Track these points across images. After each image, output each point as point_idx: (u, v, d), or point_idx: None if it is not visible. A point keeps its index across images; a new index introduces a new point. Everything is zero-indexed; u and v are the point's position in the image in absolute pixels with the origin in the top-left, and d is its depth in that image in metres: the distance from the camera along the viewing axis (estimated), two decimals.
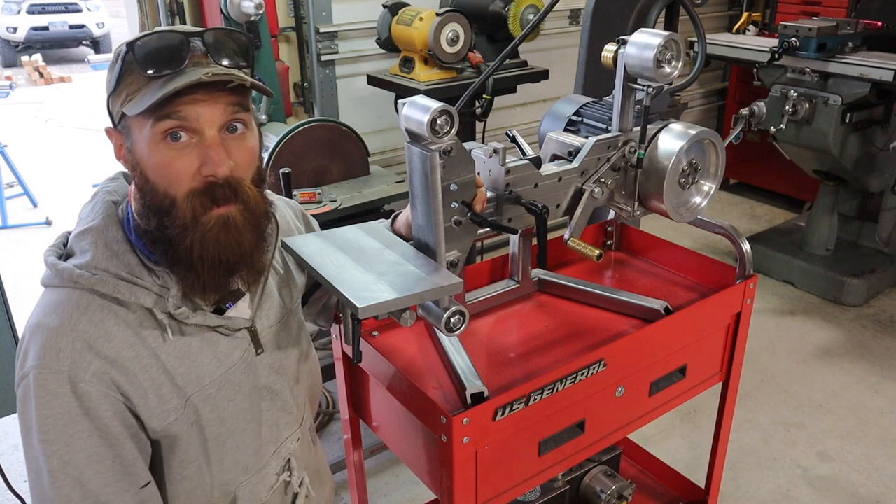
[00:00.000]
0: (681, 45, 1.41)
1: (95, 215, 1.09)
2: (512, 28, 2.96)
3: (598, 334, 1.57)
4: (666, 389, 1.60)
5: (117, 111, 1.03)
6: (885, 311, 3.56)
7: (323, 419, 2.74)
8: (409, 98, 1.21)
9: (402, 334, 1.54)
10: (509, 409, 1.27)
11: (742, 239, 1.65)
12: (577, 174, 1.47)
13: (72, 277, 1.04)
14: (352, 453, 1.70)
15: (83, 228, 1.08)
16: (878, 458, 2.60)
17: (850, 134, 3.33)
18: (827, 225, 3.78)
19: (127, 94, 1.00)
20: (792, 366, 3.14)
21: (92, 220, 1.09)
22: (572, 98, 1.68)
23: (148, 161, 1.02)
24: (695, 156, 1.50)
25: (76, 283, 1.04)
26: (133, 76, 1.00)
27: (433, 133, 1.16)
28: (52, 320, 1.03)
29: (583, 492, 2.02)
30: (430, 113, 1.15)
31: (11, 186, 5.87)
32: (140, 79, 1.00)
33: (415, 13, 2.83)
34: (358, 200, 2.62)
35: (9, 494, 1.54)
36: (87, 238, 1.07)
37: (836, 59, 3.17)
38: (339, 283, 1.14)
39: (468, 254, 1.35)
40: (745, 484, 2.48)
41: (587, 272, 1.85)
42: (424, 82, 2.86)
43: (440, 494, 1.34)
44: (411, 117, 1.19)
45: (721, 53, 3.64)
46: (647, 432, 2.63)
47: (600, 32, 2.51)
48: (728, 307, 1.66)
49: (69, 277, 1.04)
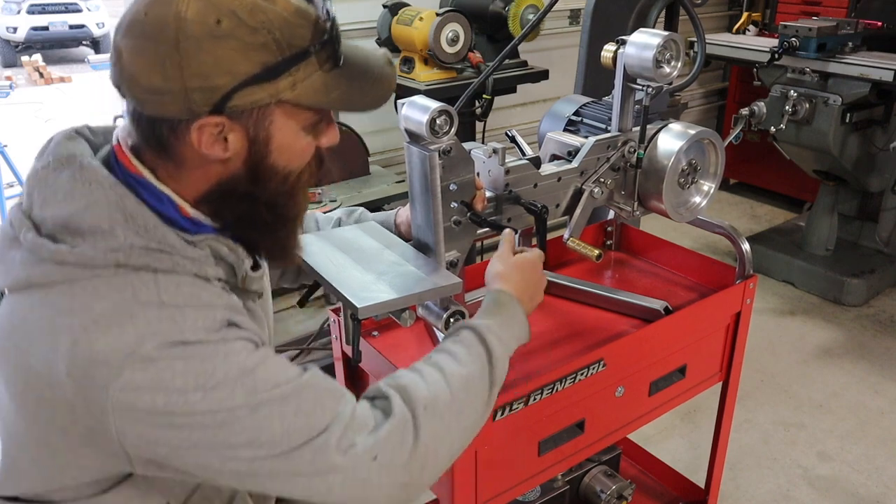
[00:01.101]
0: (680, 45, 1.41)
1: (94, 188, 0.94)
2: (512, 28, 2.96)
3: (598, 334, 1.57)
4: (666, 389, 1.60)
5: (258, 97, 0.92)
6: (885, 311, 3.56)
7: None
8: (408, 98, 1.21)
9: (402, 334, 1.54)
10: (509, 409, 1.27)
11: (742, 239, 1.65)
12: (576, 174, 1.47)
13: (125, 259, 0.91)
14: None
15: (82, 206, 0.93)
16: (878, 458, 2.60)
17: (850, 134, 3.32)
18: (827, 225, 3.78)
19: (294, 81, 0.93)
20: (792, 366, 3.14)
21: (89, 193, 0.93)
22: (572, 98, 1.68)
23: (289, 146, 0.99)
24: (694, 156, 1.51)
25: (125, 264, 0.91)
26: (309, 65, 0.94)
27: (432, 133, 1.17)
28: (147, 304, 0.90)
29: (583, 492, 2.02)
30: (430, 113, 1.15)
31: (11, 186, 5.86)
32: (317, 69, 0.95)
33: (415, 13, 2.83)
34: (358, 200, 2.62)
35: None
36: (97, 214, 0.92)
37: (836, 59, 3.17)
38: (338, 283, 1.14)
39: (468, 254, 1.35)
40: (745, 484, 2.48)
41: (587, 272, 1.85)
42: (424, 82, 2.86)
43: (440, 494, 1.34)
44: (411, 117, 1.19)
45: (721, 53, 3.63)
46: (647, 432, 2.63)
47: (600, 32, 2.51)
48: (728, 307, 1.66)
49: (113, 261, 0.91)
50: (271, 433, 0.92)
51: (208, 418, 0.90)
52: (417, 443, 0.99)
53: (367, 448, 0.96)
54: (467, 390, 1.07)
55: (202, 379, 0.90)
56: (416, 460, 0.99)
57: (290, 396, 0.94)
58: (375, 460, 0.96)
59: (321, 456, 0.94)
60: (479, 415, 1.09)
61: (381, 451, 0.96)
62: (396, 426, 0.98)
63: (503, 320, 1.16)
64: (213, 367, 0.91)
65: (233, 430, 0.91)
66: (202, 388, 0.89)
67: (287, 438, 0.92)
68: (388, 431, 0.98)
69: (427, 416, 1.01)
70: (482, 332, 1.12)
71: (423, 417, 1.00)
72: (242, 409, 0.91)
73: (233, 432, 0.91)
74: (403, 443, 0.98)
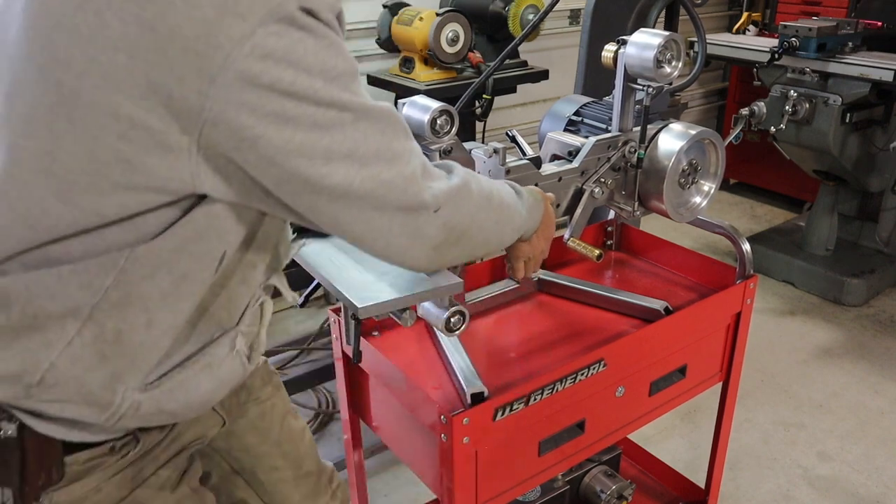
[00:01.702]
0: (681, 45, 1.41)
1: None
2: (512, 28, 2.96)
3: (598, 334, 1.57)
4: (666, 389, 1.60)
5: None
6: (885, 311, 3.56)
7: (323, 419, 2.74)
8: (408, 98, 1.21)
9: (402, 334, 1.54)
10: (509, 409, 1.27)
11: (742, 239, 1.65)
12: (577, 174, 1.47)
13: None
14: (352, 453, 1.70)
15: None
16: (878, 458, 2.60)
17: (850, 134, 3.32)
18: (827, 225, 3.78)
19: None
20: (792, 366, 3.14)
21: None
22: (572, 98, 1.68)
23: None
24: (695, 156, 1.51)
25: None
26: None
27: (433, 133, 1.17)
28: None
29: (583, 492, 2.02)
30: (431, 113, 1.15)
31: None
32: None
33: (415, 13, 2.83)
34: None
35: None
36: None
37: (836, 59, 3.16)
38: (339, 283, 1.14)
39: None
40: (745, 484, 2.48)
41: (587, 272, 1.85)
42: (424, 82, 2.85)
43: (440, 494, 1.34)
44: (411, 117, 1.19)
45: (721, 53, 3.63)
46: (647, 432, 2.63)
47: (600, 32, 2.51)
48: (728, 307, 1.66)
49: None
50: (367, 147, 0.86)
51: (320, 113, 0.81)
52: (468, 209, 1.01)
53: (439, 193, 0.95)
54: (502, 201, 1.10)
55: (329, 65, 0.81)
56: (459, 226, 1.00)
57: (381, 117, 0.88)
58: (437, 212, 0.95)
59: (413, 186, 0.91)
60: (509, 228, 1.14)
61: (444, 202, 0.96)
62: (461, 186, 0.99)
63: (533, 203, 1.22)
64: (336, 57, 0.82)
65: (336, 136, 0.83)
66: (326, 76, 0.80)
67: (379, 157, 0.88)
68: (457, 187, 0.98)
69: (478, 193, 1.03)
70: (516, 187, 1.18)
71: (477, 192, 1.03)
72: (349, 114, 0.84)
73: (335, 140, 0.83)
74: (461, 204, 0.99)
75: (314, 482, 1.41)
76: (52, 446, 0.93)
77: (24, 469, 0.92)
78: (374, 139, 0.87)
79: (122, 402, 0.93)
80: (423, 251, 0.98)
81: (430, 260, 1.01)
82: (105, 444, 0.98)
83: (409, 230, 0.94)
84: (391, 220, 0.92)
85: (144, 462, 1.05)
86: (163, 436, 1.08)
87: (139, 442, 1.02)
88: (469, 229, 1.02)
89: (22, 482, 0.92)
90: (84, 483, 0.97)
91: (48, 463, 0.93)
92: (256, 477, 1.32)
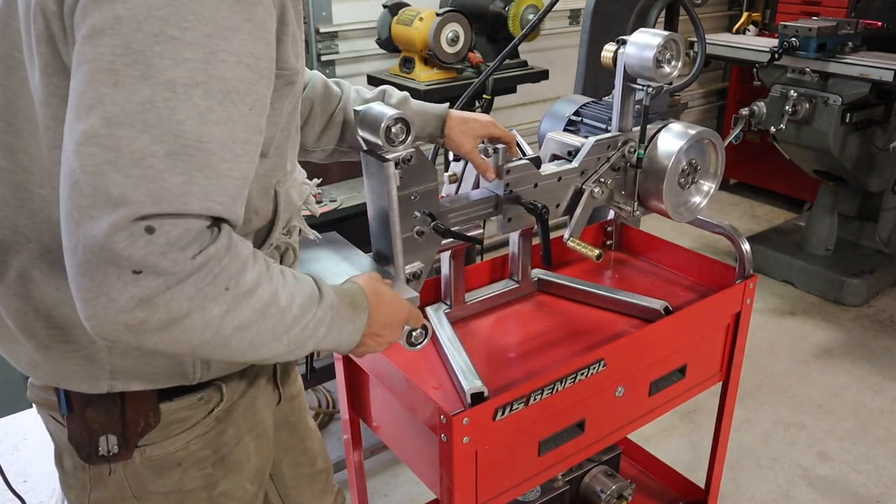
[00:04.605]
0: (681, 45, 1.41)
1: None
2: (512, 28, 2.96)
3: (598, 334, 1.57)
4: (666, 389, 1.60)
5: None
6: (885, 311, 3.56)
7: (323, 419, 2.74)
8: (364, 105, 1.16)
9: None
10: (509, 409, 1.27)
11: (742, 239, 1.65)
12: (576, 174, 1.48)
13: None
14: (352, 453, 1.70)
15: None
16: (878, 458, 2.60)
17: (850, 134, 3.32)
18: (827, 225, 3.78)
19: None
20: (792, 366, 3.14)
21: None
22: (572, 98, 1.68)
23: None
24: (694, 156, 1.51)
25: None
26: None
27: (388, 141, 1.13)
28: None
29: (583, 492, 2.02)
30: (385, 121, 1.10)
31: None
32: None
33: (415, 13, 2.83)
34: (358, 200, 2.62)
35: (8, 494, 1.54)
36: None
37: (836, 59, 3.17)
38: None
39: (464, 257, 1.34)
40: (745, 484, 2.48)
41: (587, 272, 1.85)
42: (424, 82, 2.86)
43: (440, 494, 1.34)
44: (365, 124, 1.14)
45: (721, 53, 3.63)
46: (647, 432, 2.63)
47: (600, 32, 2.51)
48: (728, 307, 1.66)
49: None
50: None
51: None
52: (207, 295, 0.80)
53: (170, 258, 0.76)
54: (281, 314, 0.88)
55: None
56: (175, 312, 0.78)
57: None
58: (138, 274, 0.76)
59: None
60: (289, 344, 0.91)
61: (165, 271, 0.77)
62: (209, 267, 0.79)
63: (350, 312, 1.00)
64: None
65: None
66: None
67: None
68: (200, 264, 0.78)
69: (243, 287, 0.83)
70: (321, 287, 0.96)
71: (244, 286, 0.83)
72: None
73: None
74: (191, 286, 0.78)
75: (324, 480, 1.44)
76: (147, 395, 1.01)
77: (124, 416, 1.01)
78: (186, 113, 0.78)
79: None
80: (111, 315, 0.76)
81: (125, 333, 0.78)
82: (194, 394, 1.05)
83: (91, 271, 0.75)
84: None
85: (226, 424, 1.11)
86: (239, 393, 1.12)
87: (222, 394, 1.08)
88: (192, 322, 0.80)
89: (123, 428, 1.01)
90: (174, 440, 1.05)
91: (145, 409, 1.02)
92: (280, 471, 1.35)
